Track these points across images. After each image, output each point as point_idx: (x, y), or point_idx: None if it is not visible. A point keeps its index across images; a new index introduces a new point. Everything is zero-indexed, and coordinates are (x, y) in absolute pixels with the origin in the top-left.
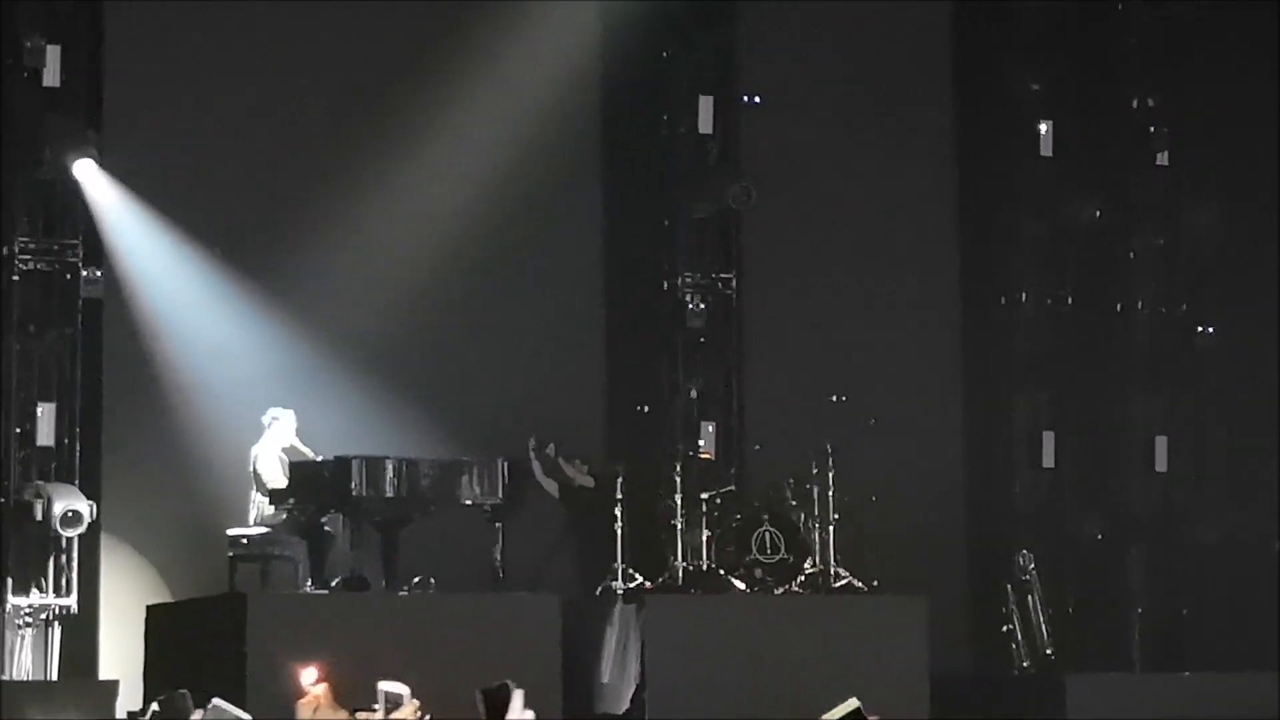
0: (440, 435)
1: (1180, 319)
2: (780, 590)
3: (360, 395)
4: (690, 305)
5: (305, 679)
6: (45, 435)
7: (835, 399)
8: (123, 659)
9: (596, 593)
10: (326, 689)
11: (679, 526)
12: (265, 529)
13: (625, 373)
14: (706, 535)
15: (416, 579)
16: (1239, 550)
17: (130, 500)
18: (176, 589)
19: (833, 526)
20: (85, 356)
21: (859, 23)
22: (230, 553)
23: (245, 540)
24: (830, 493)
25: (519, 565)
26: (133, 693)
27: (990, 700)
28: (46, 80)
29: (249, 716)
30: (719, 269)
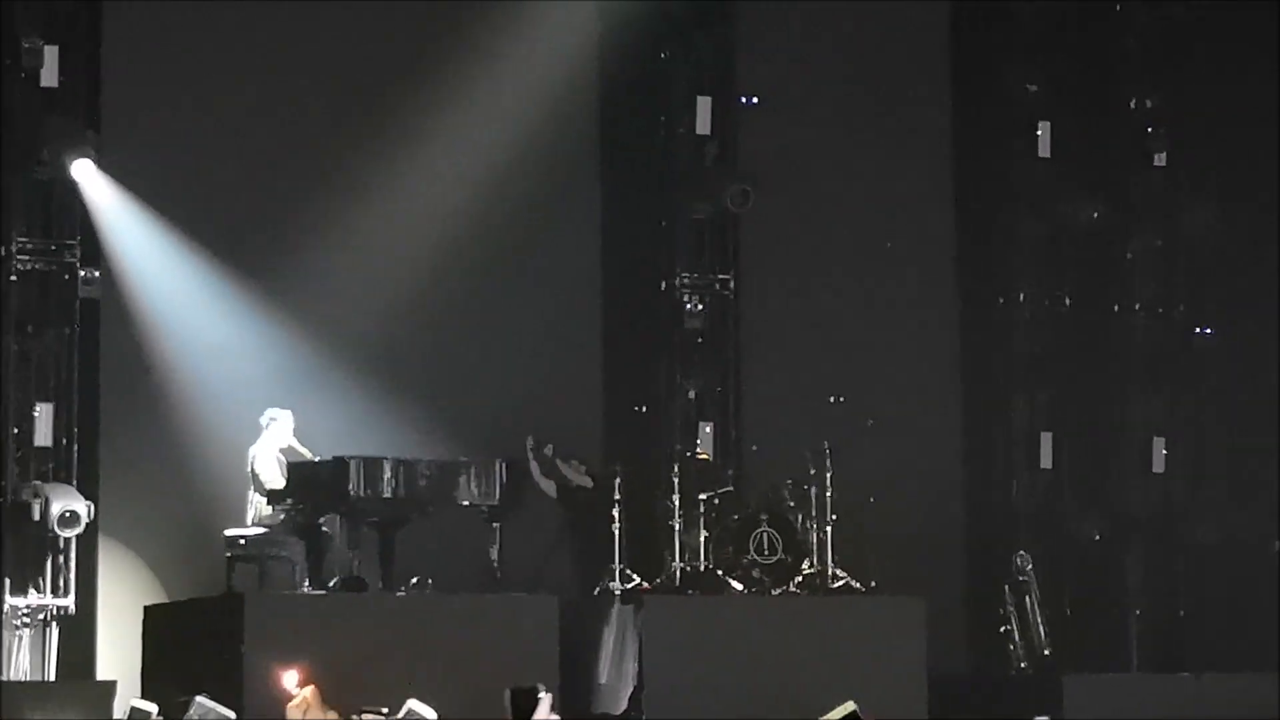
0: (438, 436)
1: (1178, 319)
2: (778, 591)
3: (358, 396)
4: (688, 306)
5: (288, 681)
6: (43, 435)
7: (833, 400)
8: (120, 659)
9: (594, 593)
10: (314, 690)
11: (677, 527)
12: (263, 529)
13: (623, 373)
14: (704, 536)
15: (414, 579)
16: (1237, 551)
17: (128, 501)
18: (174, 589)
19: (831, 527)
20: (83, 357)
21: (857, 23)
22: (228, 553)
23: (243, 541)
24: (828, 493)
25: (517, 566)
26: (131, 693)
27: (988, 700)
28: (45, 81)
29: (233, 714)
30: (717, 269)
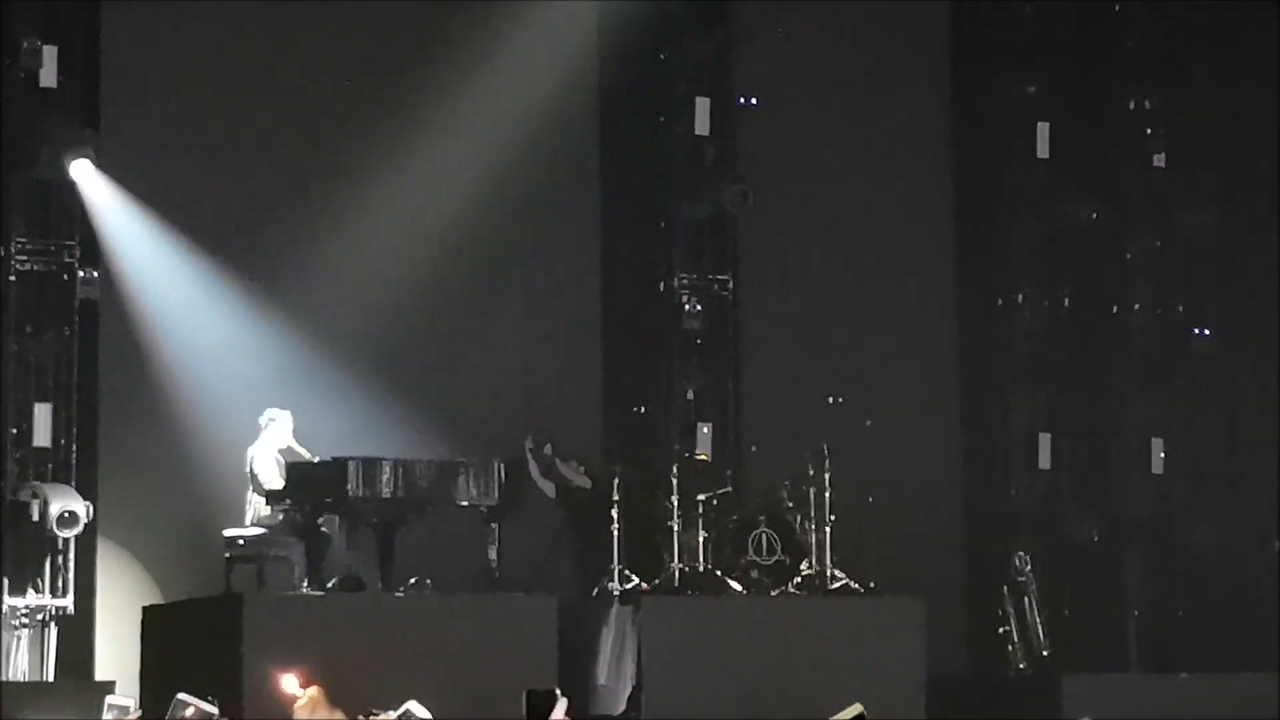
0: (437, 436)
1: (1177, 320)
2: (777, 591)
3: (357, 396)
4: (687, 306)
5: (289, 685)
6: (42, 436)
7: (832, 400)
8: (119, 660)
9: (593, 594)
10: (319, 689)
11: (675, 528)
12: (262, 530)
13: (622, 374)
14: (703, 536)
15: (413, 580)
16: (1236, 551)
17: (127, 501)
18: (173, 590)
19: (829, 528)
20: (82, 357)
21: (856, 24)
22: (226, 553)
23: (241, 541)
24: (827, 494)
25: (515, 566)
26: (130, 693)
27: (987, 701)
28: (43, 81)
29: (215, 710)
30: (716, 270)
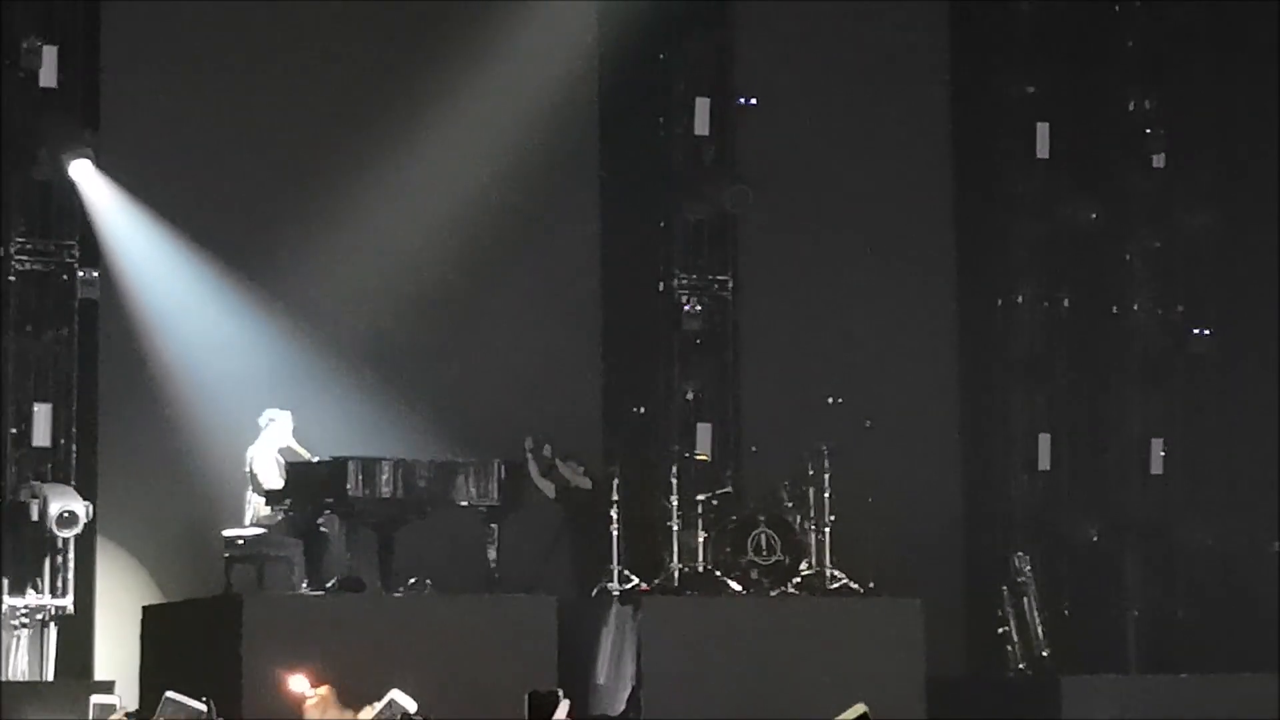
0: (437, 436)
1: (1176, 321)
2: (776, 592)
3: (356, 396)
4: (687, 307)
5: (298, 685)
6: (41, 436)
7: (831, 401)
8: (118, 660)
9: (593, 594)
10: (329, 689)
11: (675, 528)
12: (261, 530)
13: (622, 374)
14: (702, 537)
15: (412, 580)
16: (1235, 552)
17: (126, 501)
18: (172, 590)
19: (829, 528)
20: (81, 357)
21: (855, 25)
22: (226, 554)
23: (241, 541)
24: (826, 494)
25: (515, 566)
26: (128, 693)
27: (986, 701)
28: (43, 81)
29: (204, 708)
30: (715, 271)
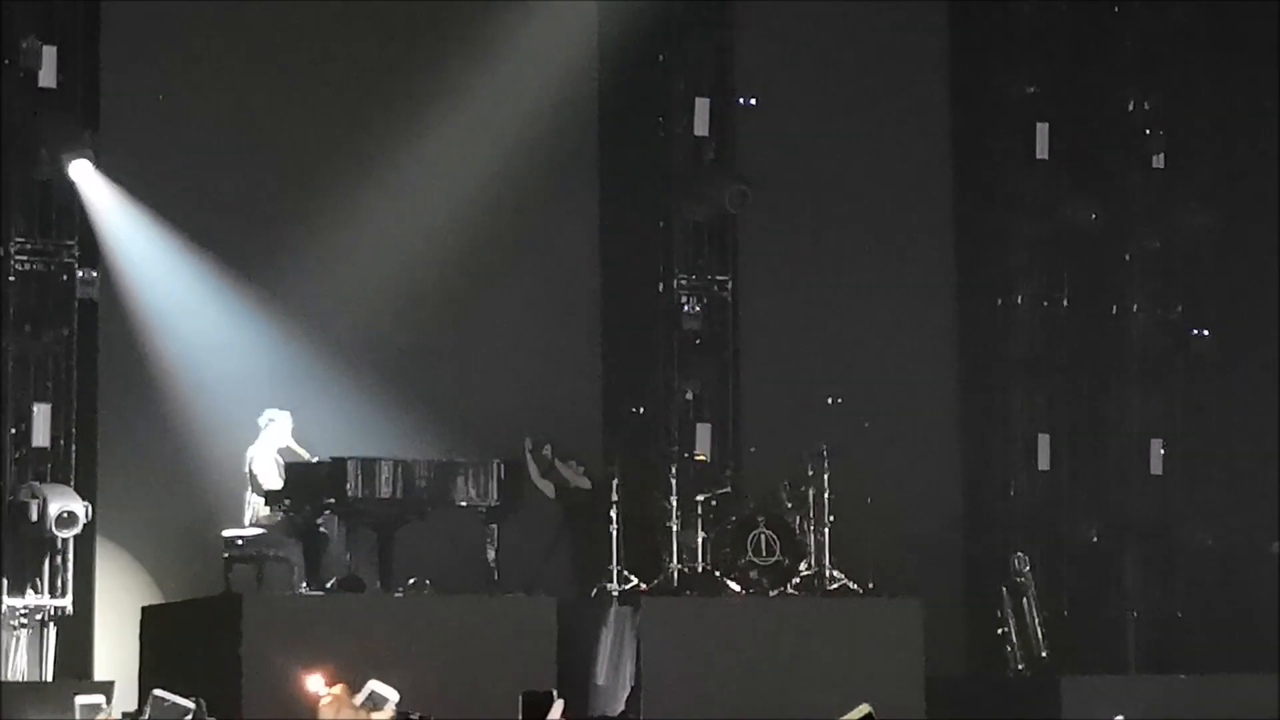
0: (436, 436)
1: (1176, 321)
2: (775, 592)
3: (356, 397)
4: (686, 307)
5: (314, 684)
6: (41, 436)
7: (831, 401)
8: (118, 660)
9: (592, 594)
10: (344, 688)
11: (674, 528)
12: (260, 530)
13: (621, 374)
14: (702, 537)
15: (412, 580)
16: (1234, 552)
17: (126, 501)
18: (171, 590)
19: (828, 528)
20: (81, 357)
21: (855, 25)
22: (225, 554)
23: (240, 541)
24: (826, 495)
25: (514, 566)
26: (128, 694)
27: (985, 702)
28: (43, 81)
29: (192, 705)
30: (715, 271)
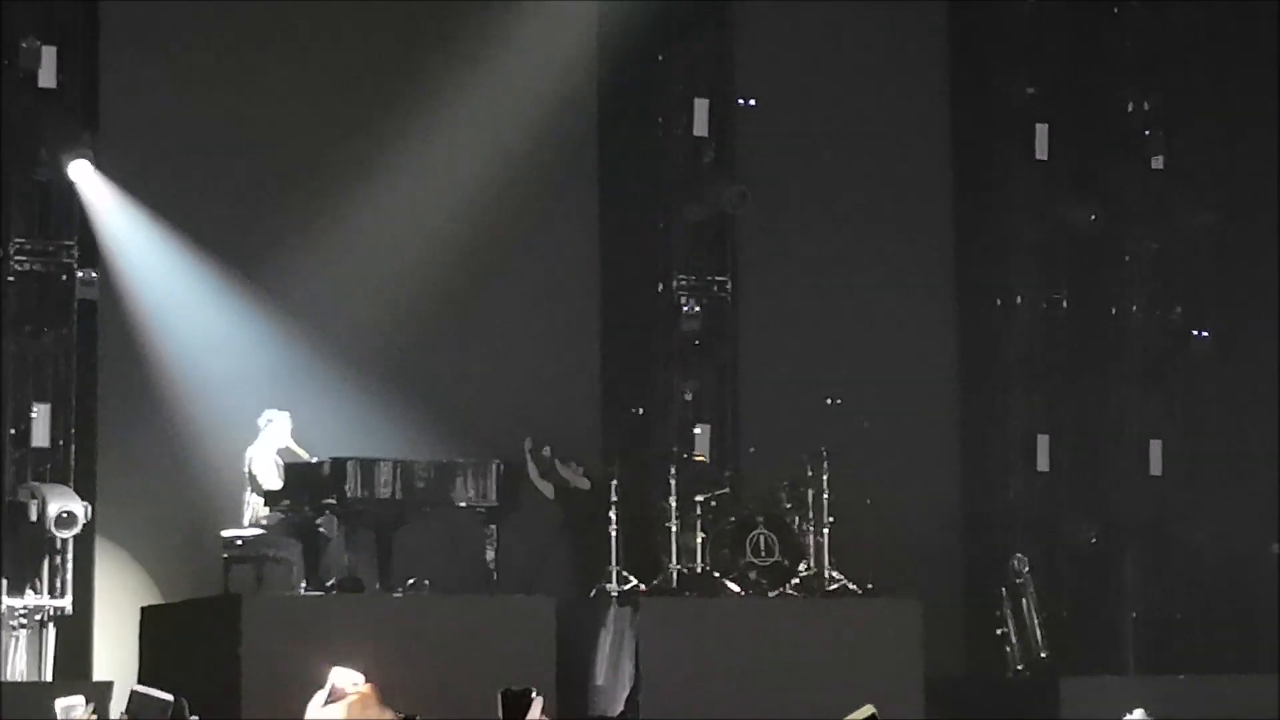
0: (435, 437)
1: (1175, 322)
2: (774, 593)
3: (356, 397)
4: (685, 308)
5: (343, 679)
6: (40, 436)
7: (830, 402)
8: (117, 660)
9: (591, 595)
10: (372, 687)
11: (673, 529)
12: (260, 530)
13: (620, 375)
14: (701, 538)
15: (411, 580)
16: (1234, 553)
17: (125, 501)
18: (171, 590)
19: (827, 529)
20: (80, 358)
21: (855, 26)
22: (225, 554)
23: (240, 542)
24: (825, 495)
25: (514, 567)
26: (127, 694)
27: (985, 702)
28: (42, 81)
29: (171, 698)
30: (714, 272)
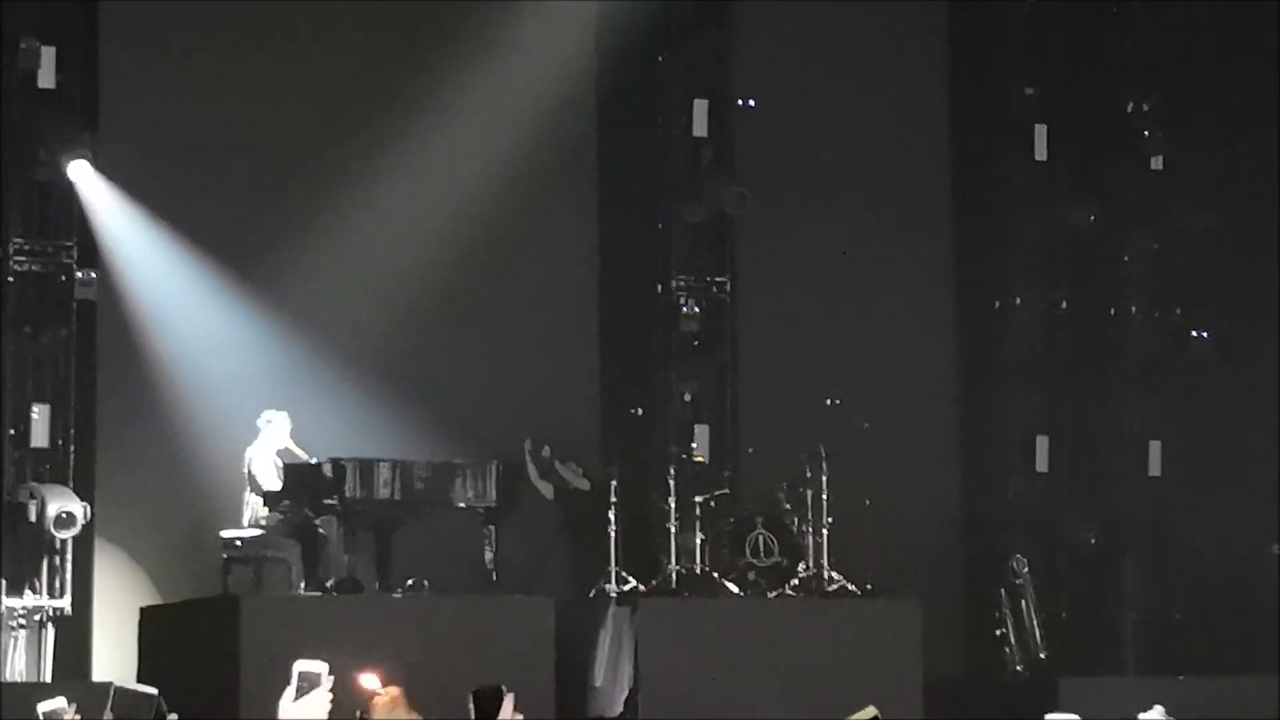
0: (434, 437)
1: (1175, 323)
2: (774, 594)
3: (355, 398)
4: (684, 308)
5: (369, 683)
6: (40, 437)
7: (830, 402)
8: (116, 661)
9: (590, 595)
10: (399, 689)
11: (673, 529)
12: (259, 531)
13: (620, 376)
14: (700, 538)
15: (410, 581)
16: (1233, 554)
17: (124, 502)
18: (170, 591)
19: (826, 530)
20: (80, 358)
21: (855, 26)
22: (224, 555)
23: (239, 542)
24: (824, 496)
25: (513, 567)
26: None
27: (984, 703)
28: (41, 82)
29: (155, 690)
30: (713, 272)
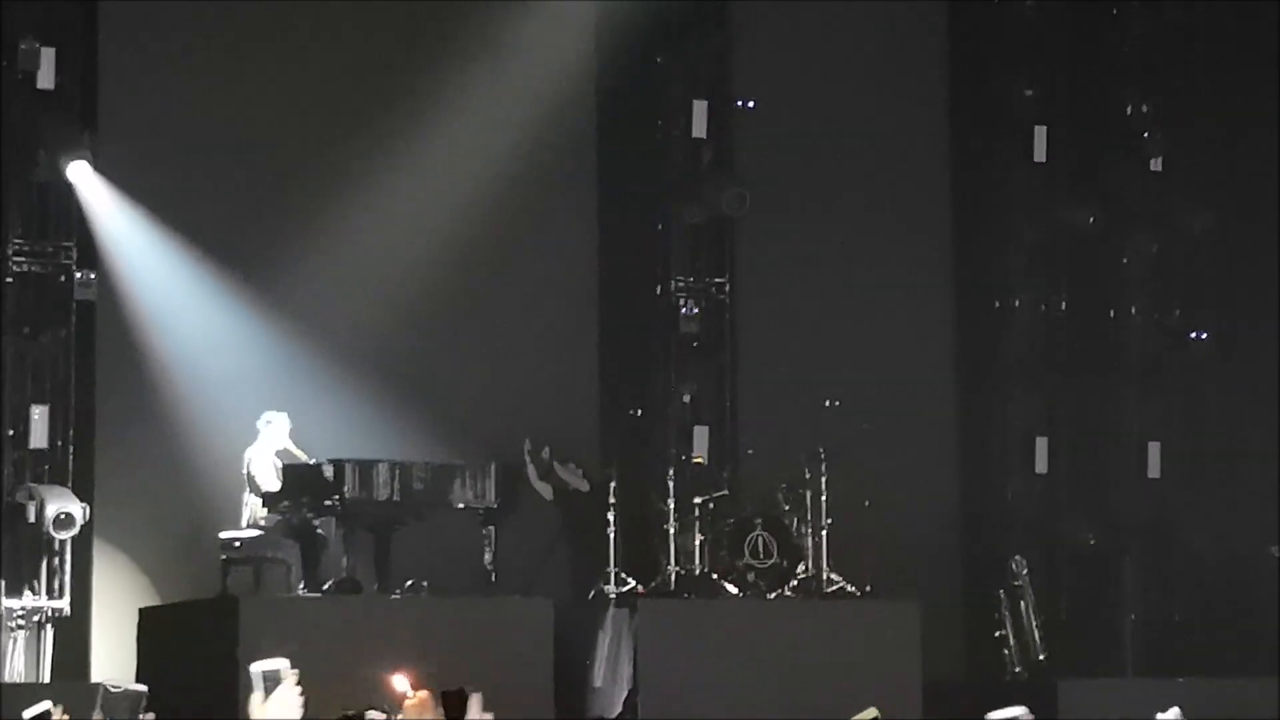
0: (434, 438)
1: (1174, 325)
2: (773, 595)
3: (354, 398)
4: (684, 310)
5: (399, 685)
6: (39, 437)
7: (829, 403)
8: (116, 662)
9: (589, 596)
10: (430, 693)
11: (672, 530)
12: (258, 532)
13: (619, 377)
14: (699, 539)
15: (409, 582)
16: (1233, 556)
17: (123, 503)
18: (169, 592)
19: (826, 531)
20: (79, 359)
21: (855, 27)
22: (223, 556)
23: (238, 543)
24: (823, 497)
25: (512, 568)
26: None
27: (983, 705)
28: (41, 82)
29: (144, 688)
30: (713, 273)
